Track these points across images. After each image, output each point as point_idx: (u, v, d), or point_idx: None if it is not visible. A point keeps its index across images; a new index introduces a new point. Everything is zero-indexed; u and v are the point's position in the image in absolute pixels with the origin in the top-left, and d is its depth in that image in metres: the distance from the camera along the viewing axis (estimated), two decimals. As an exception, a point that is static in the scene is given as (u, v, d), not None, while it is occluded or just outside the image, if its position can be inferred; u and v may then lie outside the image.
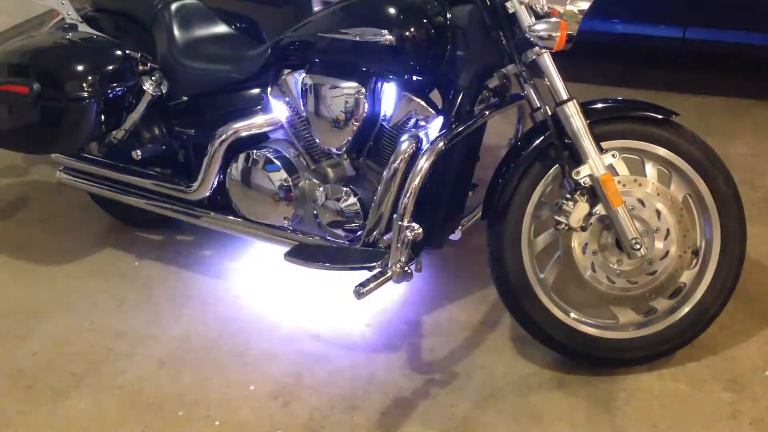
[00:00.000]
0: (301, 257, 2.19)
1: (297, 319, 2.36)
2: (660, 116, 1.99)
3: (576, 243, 1.99)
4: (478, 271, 2.42)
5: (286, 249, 2.22)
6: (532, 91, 2.00)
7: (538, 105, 2.00)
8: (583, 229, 1.96)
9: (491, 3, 1.95)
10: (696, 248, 2.04)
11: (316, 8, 3.72)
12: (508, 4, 1.91)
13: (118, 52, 2.42)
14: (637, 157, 2.03)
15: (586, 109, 1.96)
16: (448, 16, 2.01)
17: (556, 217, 1.98)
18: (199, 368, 2.21)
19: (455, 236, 2.33)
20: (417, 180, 1.96)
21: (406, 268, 2.00)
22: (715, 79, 3.55)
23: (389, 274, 1.98)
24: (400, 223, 1.98)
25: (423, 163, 1.97)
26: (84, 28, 2.56)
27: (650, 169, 2.02)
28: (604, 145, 1.95)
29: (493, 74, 2.08)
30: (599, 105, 2.02)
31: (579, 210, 1.94)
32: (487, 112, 2.13)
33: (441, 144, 1.98)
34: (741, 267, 2.03)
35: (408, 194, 1.97)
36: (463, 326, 2.28)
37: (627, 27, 3.38)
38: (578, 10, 1.96)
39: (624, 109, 2.04)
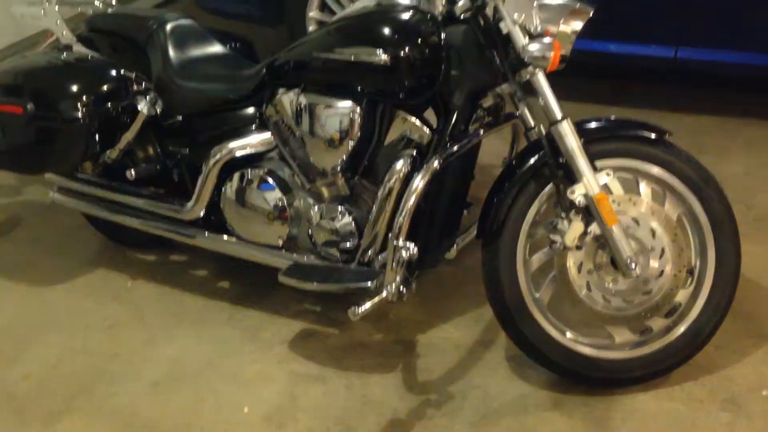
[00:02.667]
0: (296, 276, 2.19)
1: (291, 339, 2.35)
2: (654, 135, 2.00)
3: (571, 262, 1.99)
4: (472, 291, 2.41)
5: (281, 269, 2.22)
6: (526, 110, 2.01)
7: (532, 124, 2.01)
8: (578, 248, 1.96)
9: (485, 23, 1.96)
10: (691, 267, 2.03)
11: (310, 28, 3.75)
12: (501, 25, 1.92)
13: (113, 72, 2.43)
14: (631, 176, 2.03)
15: (580, 128, 1.96)
16: (443, 35, 2.01)
17: (551, 236, 1.98)
18: (193, 390, 2.19)
19: (450, 255, 2.32)
20: (412, 199, 1.97)
21: (401, 288, 2.00)
22: (708, 98, 3.56)
23: (384, 294, 1.98)
24: (395, 242, 1.98)
25: (418, 183, 1.97)
26: (79, 48, 2.57)
27: (644, 188, 2.02)
28: (598, 164, 1.95)
29: (488, 93, 2.09)
30: (593, 124, 2.03)
31: (574, 229, 1.94)
32: (482, 131, 2.14)
33: (436, 163, 1.98)
34: (736, 286, 2.03)
35: (403, 213, 1.97)
36: (458, 346, 2.27)
37: (619, 47, 3.40)
38: (571, 31, 1.96)
39: (618, 128, 2.05)
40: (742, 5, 3.14)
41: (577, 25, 1.97)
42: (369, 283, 2.06)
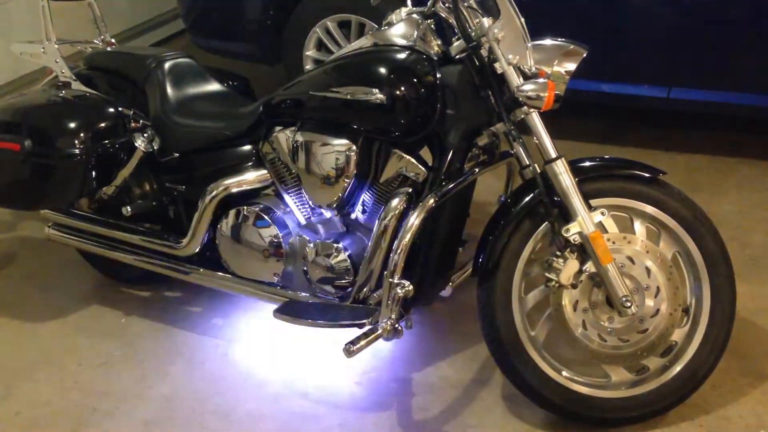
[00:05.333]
0: (290, 314, 2.17)
1: (285, 377, 2.33)
2: (647, 175, 2.01)
3: (567, 300, 1.99)
4: (468, 329, 2.40)
5: (276, 305, 2.21)
6: (521, 149, 2.01)
7: (527, 163, 2.01)
8: (574, 286, 1.96)
9: (480, 63, 1.98)
10: (686, 306, 2.04)
11: (307, 67, 3.79)
12: (496, 65, 1.94)
13: (111, 110, 2.43)
14: (625, 214, 2.04)
15: (574, 167, 1.97)
16: (438, 75, 2.03)
17: (547, 275, 1.98)
18: (186, 428, 2.16)
19: (446, 293, 2.32)
20: (407, 237, 1.97)
21: (396, 326, 1.99)
22: (701, 138, 3.60)
23: (379, 331, 1.97)
24: (390, 280, 1.97)
25: (413, 220, 1.97)
26: (77, 85, 2.57)
27: (639, 226, 2.03)
28: (593, 202, 1.96)
29: (483, 132, 2.11)
30: (587, 163, 2.04)
31: (569, 267, 1.94)
32: (477, 170, 2.15)
33: (431, 201, 1.99)
34: (731, 325, 2.03)
35: (398, 251, 1.97)
36: (454, 384, 2.26)
37: (613, 87, 3.44)
38: (565, 71, 2.00)
39: (612, 167, 2.07)
40: (733, 46, 3.20)
41: (571, 65, 2.00)
42: (364, 321, 2.05)
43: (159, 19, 5.19)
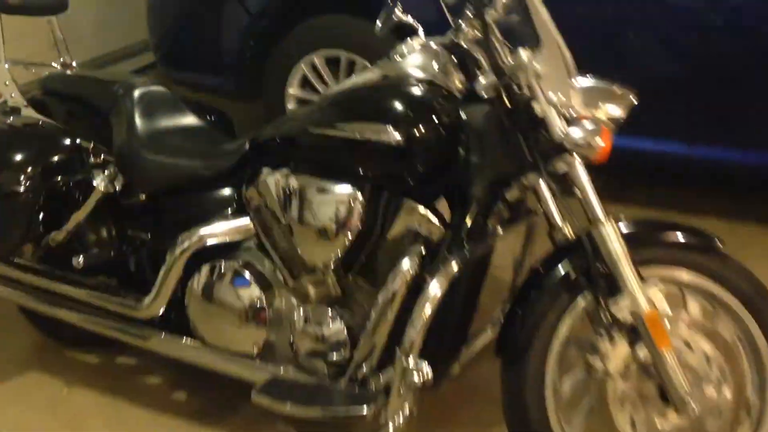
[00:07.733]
0: (272, 395, 1.88)
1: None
2: (704, 243, 1.74)
3: (612, 391, 1.68)
4: (477, 413, 2.09)
5: (255, 383, 1.90)
6: (553, 206, 1.73)
7: (560, 224, 1.73)
8: (623, 375, 1.66)
9: (512, 104, 1.70)
10: (747, 404, 1.74)
11: (290, 106, 3.54)
12: (534, 105, 1.66)
13: (66, 141, 2.21)
14: (677, 289, 1.74)
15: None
16: (461, 115, 1.78)
17: (590, 359, 1.68)
18: None
19: (454, 371, 1.98)
20: (428, 309, 1.68)
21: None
22: (716, 200, 3.37)
23: (390, 428, 1.65)
24: (405, 361, 1.66)
25: (435, 290, 1.68)
26: (29, 112, 2.34)
27: (693, 303, 1.74)
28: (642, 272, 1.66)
29: (511, 184, 1.81)
30: (633, 227, 1.75)
31: (618, 351, 1.65)
32: (500, 228, 1.86)
33: (454, 267, 1.70)
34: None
35: (417, 326, 1.67)
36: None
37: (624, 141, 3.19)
38: (612, 119, 1.71)
39: (662, 231, 1.79)
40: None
41: (619, 112, 1.72)
42: (364, 409, 1.75)
43: (127, 50, 4.92)
